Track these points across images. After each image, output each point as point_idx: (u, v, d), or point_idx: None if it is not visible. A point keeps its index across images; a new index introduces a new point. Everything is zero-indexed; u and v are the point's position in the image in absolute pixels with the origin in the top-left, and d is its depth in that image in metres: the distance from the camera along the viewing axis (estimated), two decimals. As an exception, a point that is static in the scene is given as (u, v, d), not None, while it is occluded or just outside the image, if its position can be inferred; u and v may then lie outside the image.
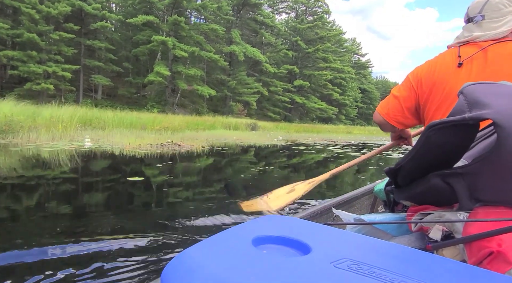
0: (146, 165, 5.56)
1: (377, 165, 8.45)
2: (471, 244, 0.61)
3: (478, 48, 1.05)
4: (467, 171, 0.64)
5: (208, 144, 9.51)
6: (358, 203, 1.93)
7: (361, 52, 61.74)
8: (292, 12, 44.14)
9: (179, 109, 29.71)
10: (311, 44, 40.88)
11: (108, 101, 29.67)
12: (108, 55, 28.00)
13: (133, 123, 10.12)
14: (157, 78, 26.18)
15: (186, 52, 26.85)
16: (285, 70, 37.59)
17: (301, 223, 0.54)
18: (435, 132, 0.62)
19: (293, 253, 0.44)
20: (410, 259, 0.43)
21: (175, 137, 10.00)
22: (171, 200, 3.46)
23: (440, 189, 0.68)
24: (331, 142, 15.64)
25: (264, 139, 13.08)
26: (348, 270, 0.37)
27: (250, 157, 8.15)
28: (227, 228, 0.50)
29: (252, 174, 5.40)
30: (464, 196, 0.65)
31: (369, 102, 58.31)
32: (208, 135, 12.52)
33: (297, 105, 40.63)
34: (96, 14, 25.94)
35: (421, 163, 0.70)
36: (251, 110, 34.89)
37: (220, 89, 32.87)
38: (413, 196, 0.77)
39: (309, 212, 1.44)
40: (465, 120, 0.60)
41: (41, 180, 4.08)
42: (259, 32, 35.85)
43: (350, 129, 31.81)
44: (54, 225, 2.38)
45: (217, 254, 0.40)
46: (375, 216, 0.98)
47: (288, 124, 27.97)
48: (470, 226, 0.64)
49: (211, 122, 15.67)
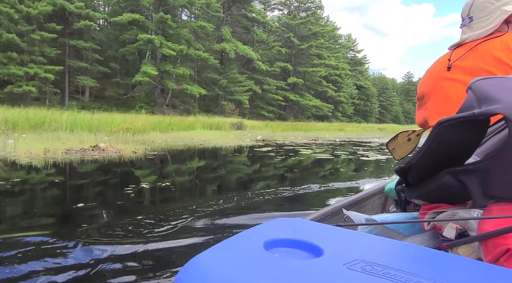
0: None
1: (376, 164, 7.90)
2: (486, 242, 0.60)
3: (467, 49, 1.08)
4: (479, 167, 0.63)
5: (153, 147, 8.58)
6: (368, 203, 1.88)
7: (356, 49, 61.00)
8: (284, 8, 43.31)
9: (168, 109, 28.90)
10: (304, 40, 40.06)
11: (96, 103, 28.86)
12: (94, 55, 27.17)
13: (88, 125, 9.32)
14: (144, 78, 25.38)
15: (174, 51, 26.02)
16: (278, 67, 36.75)
17: (311, 225, 0.54)
18: (445, 129, 0.61)
19: (305, 255, 0.43)
20: (424, 258, 0.43)
21: (133, 139, 9.26)
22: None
23: (452, 187, 0.67)
24: (311, 140, 14.78)
25: (237, 141, 12.26)
26: (362, 271, 0.37)
27: (188, 164, 7.09)
28: (238, 232, 0.49)
29: (128, 199, 3.80)
30: (477, 193, 0.64)
31: (366, 99, 57.56)
32: (175, 136, 11.65)
33: (291, 103, 39.82)
34: (80, 13, 25.12)
35: (431, 160, 0.68)
36: (244, 109, 34.09)
37: (211, 88, 32.05)
38: (424, 194, 0.77)
39: (319, 213, 1.40)
40: (474, 116, 0.59)
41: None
42: (250, 29, 35.04)
43: (343, 126, 31.00)
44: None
45: (230, 258, 0.40)
46: (386, 215, 0.97)
47: (279, 123, 27.20)
48: (485, 223, 0.63)
49: (191, 122, 14.86)
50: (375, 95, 60.34)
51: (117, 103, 29.42)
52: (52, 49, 24.22)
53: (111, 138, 8.97)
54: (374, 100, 59.70)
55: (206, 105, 35.79)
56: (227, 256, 0.41)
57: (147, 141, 9.92)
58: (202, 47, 28.75)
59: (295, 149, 10.39)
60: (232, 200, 3.80)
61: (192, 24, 28.31)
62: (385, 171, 7.03)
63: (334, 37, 50.94)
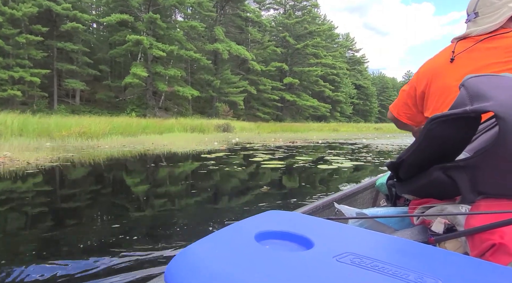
0: None
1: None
2: (473, 237, 0.61)
3: (472, 43, 1.06)
4: (469, 164, 0.64)
5: (80, 156, 7.05)
6: (360, 197, 1.86)
7: (355, 48, 60.23)
8: (280, 7, 42.59)
9: (160, 112, 28.19)
10: (300, 39, 39.32)
11: (87, 106, 28.21)
12: (83, 58, 26.51)
13: (38, 130, 8.49)
14: (134, 80, 24.69)
15: (164, 52, 25.34)
16: (273, 67, 36.01)
17: (303, 218, 0.54)
18: (437, 125, 0.62)
19: (296, 248, 0.44)
20: (413, 252, 0.43)
21: (62, 145, 8.30)
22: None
23: (442, 182, 0.68)
24: (289, 143, 13.38)
25: (200, 145, 10.83)
26: (351, 264, 0.38)
27: (86, 180, 5.21)
28: (229, 224, 0.49)
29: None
30: (466, 189, 0.66)
31: (365, 99, 56.75)
32: (137, 141, 10.41)
33: (288, 104, 39.06)
34: (67, 14, 24.49)
35: (422, 156, 0.69)
36: (240, 110, 33.37)
37: (205, 90, 31.33)
38: (415, 190, 0.78)
39: (311, 206, 1.40)
40: (466, 113, 0.60)
41: None
42: (245, 29, 34.34)
43: (338, 127, 30.11)
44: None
45: (220, 250, 0.41)
46: (377, 210, 0.97)
47: (272, 124, 26.32)
48: (472, 219, 0.64)
49: (170, 125, 14.01)
50: (374, 94, 59.51)
51: (108, 107, 28.75)
52: (39, 52, 23.58)
53: (56, 144, 8.13)
54: (374, 99, 58.90)
55: (201, 107, 35.07)
56: (218, 247, 0.41)
57: (89, 147, 8.69)
58: (194, 47, 28.02)
59: (253, 154, 8.65)
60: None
61: (183, 24, 27.64)
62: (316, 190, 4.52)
63: (331, 36, 50.18)
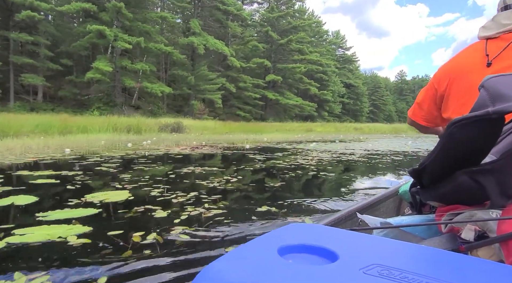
0: None
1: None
2: (507, 243, 0.59)
3: (506, 43, 0.96)
4: (496, 167, 0.63)
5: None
6: (383, 206, 1.82)
7: (345, 46, 58.41)
8: (264, 2, 40.63)
9: (129, 110, 26.09)
10: (284, 35, 37.37)
11: (50, 104, 25.99)
12: (43, 51, 24.35)
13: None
14: (96, 75, 22.57)
15: (131, 44, 23.25)
16: (254, 64, 34.00)
17: (325, 230, 0.53)
18: (459, 129, 0.60)
19: (320, 261, 0.43)
20: (444, 261, 0.42)
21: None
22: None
23: (468, 187, 0.66)
24: (231, 145, 11.76)
25: (112, 148, 9.05)
26: (379, 276, 0.36)
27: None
28: (251, 239, 0.48)
29: None
30: (495, 193, 0.63)
31: (356, 98, 54.98)
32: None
33: (272, 103, 37.07)
34: (24, 3, 22.34)
35: (446, 161, 0.67)
36: (218, 109, 31.34)
37: (179, 86, 29.26)
38: (440, 196, 0.74)
39: (333, 218, 1.36)
40: (488, 114, 0.57)
41: None
42: (224, 23, 32.33)
43: (314, 127, 28.12)
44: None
45: (244, 265, 0.40)
46: (401, 218, 0.94)
47: (243, 124, 24.15)
48: (505, 224, 0.61)
49: (101, 124, 11.84)
50: (365, 94, 57.77)
51: (73, 105, 26.58)
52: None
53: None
54: (365, 99, 57.18)
55: (178, 105, 32.99)
56: (242, 262, 0.40)
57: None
58: (164, 40, 25.93)
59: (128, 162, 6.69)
60: None
61: (152, 15, 25.56)
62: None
63: (319, 32, 48.33)
